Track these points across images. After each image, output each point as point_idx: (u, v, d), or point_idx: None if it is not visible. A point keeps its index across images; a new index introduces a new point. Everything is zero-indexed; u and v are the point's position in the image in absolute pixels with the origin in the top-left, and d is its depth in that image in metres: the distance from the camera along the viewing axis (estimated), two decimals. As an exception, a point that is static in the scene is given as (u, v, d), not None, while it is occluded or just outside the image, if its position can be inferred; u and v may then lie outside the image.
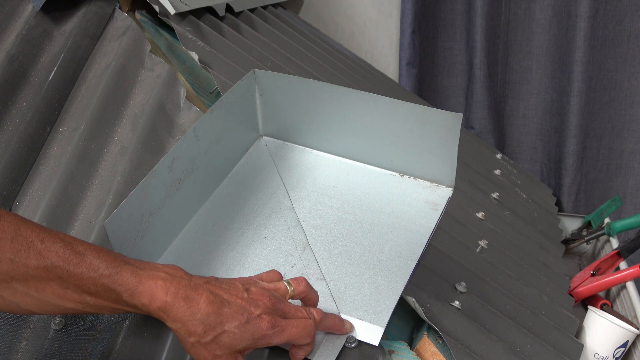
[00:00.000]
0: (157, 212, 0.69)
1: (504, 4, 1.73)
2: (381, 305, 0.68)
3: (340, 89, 0.78)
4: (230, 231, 0.76)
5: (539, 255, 1.15)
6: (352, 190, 0.82)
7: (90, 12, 1.00)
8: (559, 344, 0.88)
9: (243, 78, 0.80)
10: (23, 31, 0.94)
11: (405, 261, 0.72)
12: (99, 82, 0.91)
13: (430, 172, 0.79)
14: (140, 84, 0.94)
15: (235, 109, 0.81)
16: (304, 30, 1.45)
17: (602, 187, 1.82)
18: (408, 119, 0.76)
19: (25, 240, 0.51)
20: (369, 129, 0.80)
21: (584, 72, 1.66)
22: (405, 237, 0.75)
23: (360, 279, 0.71)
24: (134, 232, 0.66)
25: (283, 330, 0.57)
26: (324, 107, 0.81)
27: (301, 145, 0.87)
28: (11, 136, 0.82)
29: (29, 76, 0.90)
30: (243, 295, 0.57)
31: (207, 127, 0.76)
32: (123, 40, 0.97)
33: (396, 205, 0.79)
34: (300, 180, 0.83)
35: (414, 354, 0.72)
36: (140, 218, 0.66)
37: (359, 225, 0.77)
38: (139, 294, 0.53)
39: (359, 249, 0.74)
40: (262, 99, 0.84)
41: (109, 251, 0.55)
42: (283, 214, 0.79)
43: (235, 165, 0.84)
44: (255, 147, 0.87)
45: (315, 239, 0.75)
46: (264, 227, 0.77)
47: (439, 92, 1.86)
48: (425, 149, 0.77)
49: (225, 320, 0.54)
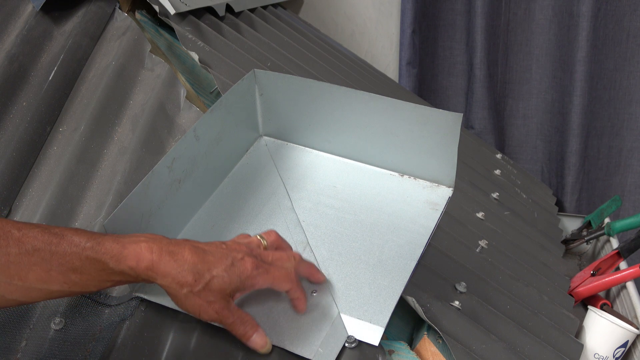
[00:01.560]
0: (157, 212, 0.69)
1: (503, 4, 1.73)
2: (381, 305, 0.68)
3: (340, 89, 0.78)
4: (231, 231, 0.76)
5: (539, 255, 1.15)
6: (352, 190, 0.82)
7: (90, 12, 1.00)
8: (559, 344, 0.88)
9: (243, 78, 0.80)
10: (23, 31, 0.94)
11: (406, 261, 0.72)
12: (99, 82, 0.91)
13: (430, 172, 0.79)
14: (140, 84, 0.94)
15: (235, 109, 0.81)
16: (304, 30, 1.45)
17: (602, 185, 1.82)
18: (408, 119, 0.76)
19: (1, 230, 0.52)
20: (369, 129, 0.80)
21: (587, 71, 1.66)
22: (405, 237, 0.75)
23: (360, 278, 0.71)
24: (133, 232, 0.65)
25: (267, 272, 0.60)
26: (323, 107, 0.81)
27: (301, 145, 0.87)
28: (11, 136, 0.82)
29: (29, 76, 0.90)
30: (222, 246, 0.60)
31: (207, 127, 0.76)
32: (123, 40, 0.97)
33: (396, 205, 0.79)
34: (301, 180, 0.83)
35: (414, 354, 0.72)
36: (140, 218, 0.67)
37: (359, 225, 0.77)
38: (124, 258, 0.54)
39: (359, 249, 0.74)
40: (262, 98, 0.84)
41: (85, 230, 0.56)
42: (283, 214, 0.79)
43: (236, 165, 0.84)
44: (256, 147, 0.87)
45: (315, 239, 0.75)
46: (264, 227, 0.77)
47: (439, 92, 1.86)
48: (425, 149, 0.77)
49: (212, 266, 0.57)
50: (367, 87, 1.37)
